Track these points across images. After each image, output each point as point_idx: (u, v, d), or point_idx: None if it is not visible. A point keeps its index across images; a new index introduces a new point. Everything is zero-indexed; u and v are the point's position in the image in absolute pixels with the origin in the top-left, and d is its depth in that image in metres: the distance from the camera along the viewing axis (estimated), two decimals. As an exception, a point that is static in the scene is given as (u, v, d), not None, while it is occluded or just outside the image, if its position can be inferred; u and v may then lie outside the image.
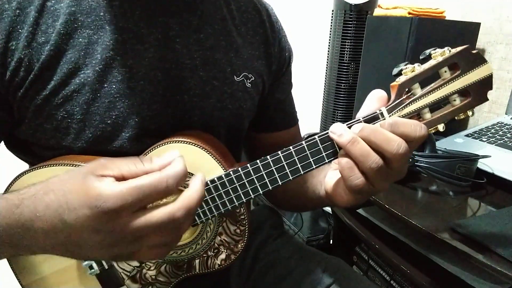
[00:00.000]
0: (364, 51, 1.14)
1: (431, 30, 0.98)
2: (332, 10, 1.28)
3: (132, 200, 0.35)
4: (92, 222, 0.35)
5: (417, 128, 0.41)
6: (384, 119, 0.43)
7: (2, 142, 0.56)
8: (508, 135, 0.90)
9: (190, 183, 0.39)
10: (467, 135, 0.93)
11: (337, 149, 0.44)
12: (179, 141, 0.50)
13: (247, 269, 0.70)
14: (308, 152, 0.45)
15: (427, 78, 0.43)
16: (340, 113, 1.34)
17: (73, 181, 0.37)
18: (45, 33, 0.47)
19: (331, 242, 1.21)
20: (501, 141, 0.88)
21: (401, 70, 0.43)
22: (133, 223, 0.36)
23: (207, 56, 0.55)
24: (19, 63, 0.47)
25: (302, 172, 0.46)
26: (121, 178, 0.37)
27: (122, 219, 0.36)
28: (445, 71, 0.43)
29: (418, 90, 0.43)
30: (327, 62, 1.35)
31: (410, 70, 0.43)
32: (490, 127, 0.95)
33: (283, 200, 0.71)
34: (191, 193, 0.38)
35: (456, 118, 0.44)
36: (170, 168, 0.37)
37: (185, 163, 0.38)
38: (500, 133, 0.92)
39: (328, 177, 0.51)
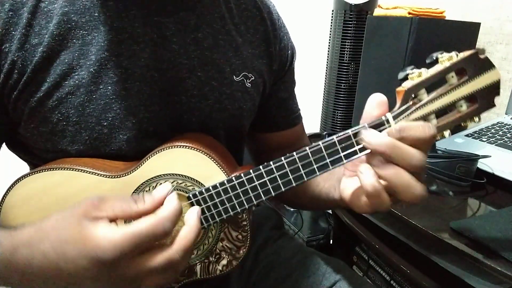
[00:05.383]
0: (364, 51, 1.14)
1: (431, 30, 0.98)
2: (332, 10, 1.28)
3: (130, 248, 0.36)
4: (91, 272, 0.36)
5: (425, 129, 0.40)
6: (390, 125, 0.42)
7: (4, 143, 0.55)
8: (508, 135, 0.90)
9: (186, 217, 0.38)
10: (467, 135, 0.94)
11: (357, 150, 0.42)
12: (179, 146, 0.48)
13: (248, 270, 0.70)
14: (312, 158, 0.43)
15: (433, 83, 0.42)
16: (340, 113, 1.34)
17: (68, 229, 0.37)
18: (38, 35, 0.46)
19: (331, 242, 1.21)
20: (501, 141, 0.88)
21: (407, 74, 0.41)
22: (131, 269, 0.37)
23: (205, 56, 0.54)
24: (13, 65, 0.46)
25: (306, 179, 0.44)
26: (114, 219, 0.37)
27: (121, 267, 0.36)
28: (452, 76, 0.41)
29: (424, 96, 0.41)
30: (327, 62, 1.35)
31: (416, 75, 0.41)
32: (490, 127, 0.95)
33: (293, 201, 0.69)
34: (187, 233, 0.38)
35: (462, 124, 0.43)
36: (165, 210, 0.37)
37: (178, 200, 0.38)
38: (500, 133, 0.92)
39: (344, 185, 0.49)
